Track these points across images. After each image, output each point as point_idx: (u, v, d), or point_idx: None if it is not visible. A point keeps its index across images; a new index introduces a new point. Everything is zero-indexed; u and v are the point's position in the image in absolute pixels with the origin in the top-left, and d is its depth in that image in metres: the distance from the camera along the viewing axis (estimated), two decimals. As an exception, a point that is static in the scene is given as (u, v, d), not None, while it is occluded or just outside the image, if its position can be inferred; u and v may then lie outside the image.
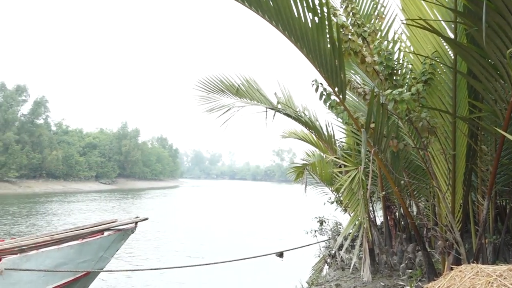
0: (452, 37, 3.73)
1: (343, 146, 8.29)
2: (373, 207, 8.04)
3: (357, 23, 4.36)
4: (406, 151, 4.67)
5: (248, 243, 15.51)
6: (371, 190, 6.81)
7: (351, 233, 5.23)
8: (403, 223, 7.68)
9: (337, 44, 3.59)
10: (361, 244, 4.16)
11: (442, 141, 4.07)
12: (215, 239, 16.97)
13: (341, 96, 4.18)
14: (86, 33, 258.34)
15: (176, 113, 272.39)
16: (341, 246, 7.58)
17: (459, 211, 4.14)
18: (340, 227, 9.78)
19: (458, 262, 3.95)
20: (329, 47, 3.61)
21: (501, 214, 6.67)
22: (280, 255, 6.76)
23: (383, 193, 6.66)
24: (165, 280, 9.84)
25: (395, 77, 4.07)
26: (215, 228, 20.48)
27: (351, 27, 4.33)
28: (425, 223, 5.34)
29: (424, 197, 6.26)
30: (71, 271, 6.37)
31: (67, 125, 70.04)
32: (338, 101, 4.35)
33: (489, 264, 3.82)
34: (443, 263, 4.43)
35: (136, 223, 7.46)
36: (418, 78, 3.92)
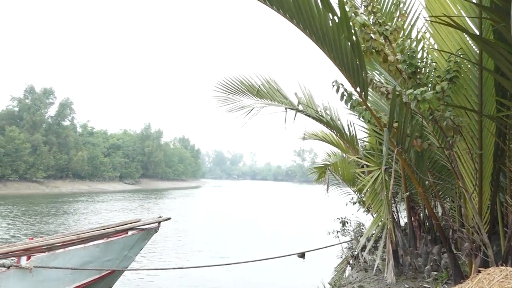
0: (477, 33, 3.64)
1: (365, 146, 8.20)
2: (396, 207, 7.93)
3: (379, 22, 4.32)
4: (430, 150, 4.58)
5: (270, 243, 15.52)
6: (394, 190, 6.71)
7: (374, 234, 5.17)
8: (428, 224, 7.53)
9: (357, 43, 3.56)
10: (385, 245, 4.10)
11: (468, 141, 3.97)
12: (237, 239, 17.04)
13: (363, 95, 4.14)
14: (109, 35, 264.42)
15: (198, 114, 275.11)
16: (364, 247, 7.50)
17: (486, 212, 4.04)
18: (362, 228, 9.67)
19: (485, 264, 3.86)
20: (349, 46, 3.58)
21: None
22: (301, 255, 6.74)
23: (407, 193, 6.55)
24: (188, 279, 9.94)
25: (418, 76, 4.00)
26: (238, 228, 20.57)
27: (372, 26, 4.28)
28: (451, 224, 5.23)
29: (449, 198, 6.14)
30: (96, 269, 6.51)
31: (92, 127, 71.74)
32: (359, 101, 4.31)
33: (518, 267, 3.71)
34: (470, 266, 4.33)
35: (159, 222, 7.55)
36: (442, 76, 3.84)
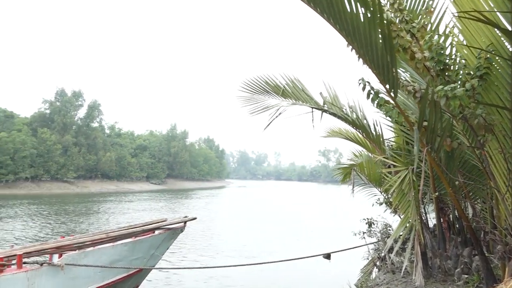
0: (509, 28, 3.52)
1: (391, 145, 8.05)
2: (424, 208, 7.74)
3: (405, 19, 4.24)
4: (460, 150, 4.46)
5: (296, 244, 15.47)
6: (423, 191, 6.56)
7: (401, 235, 5.08)
8: (458, 225, 7.31)
9: (389, 36, 3.50)
10: (413, 246, 4.03)
11: (500, 139, 3.84)
12: (263, 239, 17.07)
13: (392, 93, 4.06)
14: (137, 37, 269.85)
15: (222, 114, 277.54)
16: (391, 248, 7.36)
17: (520, 214, 3.89)
18: (389, 229, 9.49)
19: (519, 268, 3.71)
20: (380, 42, 3.52)
21: None
22: (327, 256, 6.68)
23: (436, 194, 6.39)
24: (214, 278, 10.03)
25: (447, 73, 3.90)
26: (264, 228, 20.60)
27: (399, 23, 4.21)
28: (482, 226, 5.07)
29: (480, 199, 5.95)
30: (125, 267, 6.66)
31: (120, 128, 73.55)
32: (386, 99, 4.24)
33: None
34: (503, 269, 4.18)
35: (185, 222, 7.66)
36: (472, 73, 3.73)
